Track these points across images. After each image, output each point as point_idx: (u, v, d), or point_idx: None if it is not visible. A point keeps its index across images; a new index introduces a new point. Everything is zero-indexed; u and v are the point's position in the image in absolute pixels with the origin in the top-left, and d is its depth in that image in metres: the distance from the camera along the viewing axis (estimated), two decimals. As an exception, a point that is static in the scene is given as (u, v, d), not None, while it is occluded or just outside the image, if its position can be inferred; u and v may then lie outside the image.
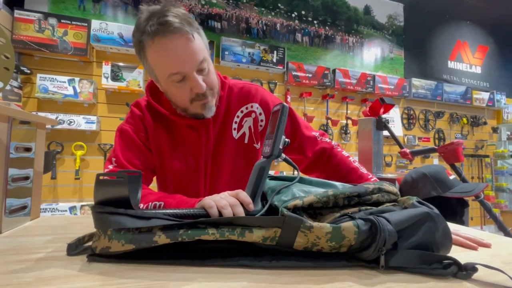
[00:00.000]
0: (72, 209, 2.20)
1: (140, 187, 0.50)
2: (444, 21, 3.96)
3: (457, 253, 0.49)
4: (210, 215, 0.49)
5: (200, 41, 0.64)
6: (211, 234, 0.42)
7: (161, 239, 0.41)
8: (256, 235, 0.42)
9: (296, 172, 0.58)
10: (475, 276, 0.37)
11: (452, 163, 1.10)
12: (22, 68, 2.12)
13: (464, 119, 3.85)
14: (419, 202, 0.47)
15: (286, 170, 2.93)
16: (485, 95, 3.92)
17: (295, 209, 0.45)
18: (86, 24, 2.29)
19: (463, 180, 1.12)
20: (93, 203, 0.45)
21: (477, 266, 0.37)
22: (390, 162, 3.38)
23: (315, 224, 0.41)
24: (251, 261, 0.42)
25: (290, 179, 0.59)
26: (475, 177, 3.92)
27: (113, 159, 0.67)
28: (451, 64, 3.98)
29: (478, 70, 4.17)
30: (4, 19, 2.05)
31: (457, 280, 0.37)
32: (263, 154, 0.54)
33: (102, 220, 0.43)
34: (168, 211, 0.48)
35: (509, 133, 4.09)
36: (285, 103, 0.52)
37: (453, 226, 0.63)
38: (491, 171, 4.03)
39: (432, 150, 1.17)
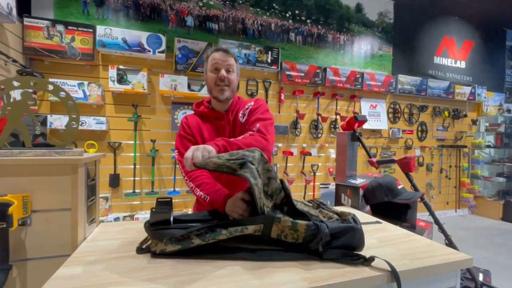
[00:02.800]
0: (88, 201, 2.47)
1: (171, 207, 0.76)
2: (433, 16, 4.11)
3: (372, 250, 0.76)
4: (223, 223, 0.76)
5: (233, 61, 1.14)
6: (224, 234, 0.69)
7: (196, 241, 0.68)
8: (250, 230, 0.69)
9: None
10: (374, 263, 0.65)
11: (406, 172, 1.38)
12: (35, 74, 2.29)
13: (446, 112, 4.13)
14: (353, 218, 0.74)
15: (279, 162, 3.21)
16: (467, 90, 4.18)
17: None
18: (91, 30, 2.43)
19: (414, 186, 1.41)
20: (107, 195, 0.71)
21: (374, 256, 0.65)
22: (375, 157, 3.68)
23: (282, 218, 0.69)
24: (247, 255, 0.69)
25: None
26: (453, 165, 4.27)
27: (176, 151, 1.15)
28: (437, 60, 4.19)
29: (462, 65, 4.39)
30: (15, 27, 2.19)
31: (362, 266, 0.65)
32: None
33: (157, 234, 0.70)
34: (197, 224, 0.75)
35: (487, 124, 4.40)
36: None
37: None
38: (468, 160, 4.39)
39: (392, 161, 1.44)
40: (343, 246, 0.68)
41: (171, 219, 0.72)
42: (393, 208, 1.19)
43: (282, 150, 3.21)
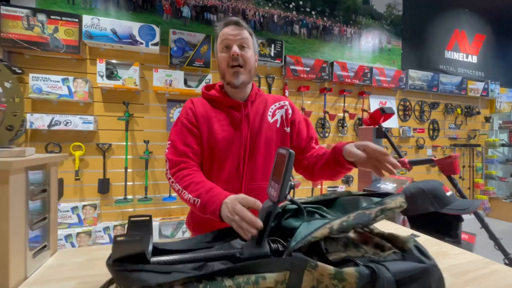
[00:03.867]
0: (74, 209, 2.23)
1: (151, 231, 0.52)
2: (443, 9, 3.90)
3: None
4: (227, 254, 0.52)
5: (248, 34, 0.91)
6: (227, 286, 0.45)
7: (183, 296, 0.44)
8: (269, 281, 0.45)
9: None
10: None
11: (449, 175, 1.15)
12: (13, 68, 2.05)
13: (458, 110, 3.91)
14: (417, 248, 0.50)
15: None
16: (480, 85, 3.96)
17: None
18: (77, 20, 2.20)
19: (459, 191, 1.17)
20: (93, 202, 0.47)
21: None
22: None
23: (320, 263, 0.45)
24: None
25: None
26: (466, 165, 4.04)
27: (169, 142, 0.90)
28: (448, 54, 3.98)
29: (474, 59, 4.18)
30: (-10, 17, 1.96)
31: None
32: (269, 197, 0.56)
33: (123, 277, 0.45)
34: (188, 256, 0.51)
35: (501, 122, 4.18)
36: (291, 151, 0.53)
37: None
38: (482, 159, 4.16)
39: (430, 161, 1.21)
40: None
41: (149, 250, 0.48)
42: (439, 220, 0.95)
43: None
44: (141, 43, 2.34)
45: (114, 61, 2.32)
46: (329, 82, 3.13)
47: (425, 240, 0.79)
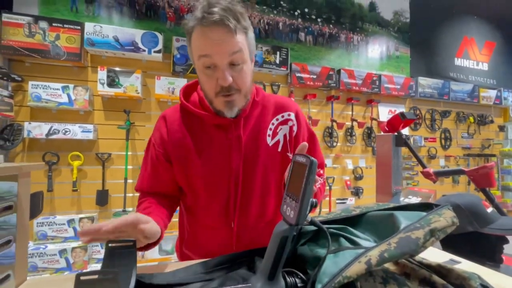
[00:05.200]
0: (70, 222, 2.12)
1: (134, 260, 0.41)
2: (451, 16, 3.83)
3: None
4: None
5: (242, 38, 0.63)
6: None
7: None
8: None
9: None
10: None
11: (483, 188, 1.02)
12: (13, 75, 2.00)
13: (471, 118, 3.76)
14: (482, 286, 0.38)
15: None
16: (493, 93, 3.83)
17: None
18: (79, 27, 2.16)
19: (496, 207, 1.04)
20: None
21: None
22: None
23: None
24: None
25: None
26: (481, 176, 3.85)
27: (139, 178, 0.76)
28: (458, 62, 3.88)
29: (485, 67, 4.06)
30: (-9, 24, 1.93)
31: None
32: (285, 218, 0.44)
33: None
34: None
35: (515, 131, 4.01)
36: (313, 158, 0.42)
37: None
38: (498, 170, 3.97)
39: (460, 172, 1.08)
40: None
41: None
42: (479, 241, 0.81)
43: (294, 161, 2.84)
44: (144, 51, 2.29)
45: (115, 68, 2.26)
46: (336, 90, 3.03)
47: (468, 266, 0.66)
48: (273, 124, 0.74)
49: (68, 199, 2.19)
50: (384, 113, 3.29)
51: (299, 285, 0.43)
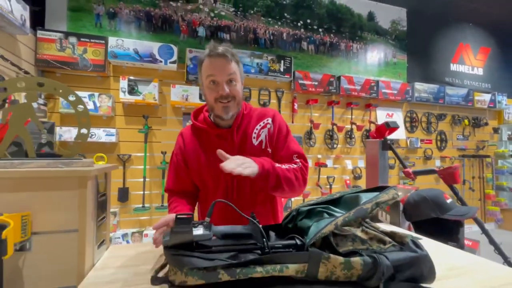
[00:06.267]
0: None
1: (192, 226, 0.64)
2: (447, 24, 4.02)
3: (443, 281, 0.62)
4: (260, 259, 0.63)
5: (235, 66, 0.93)
6: (259, 272, 0.55)
7: (224, 276, 0.54)
8: (291, 270, 0.56)
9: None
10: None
11: (450, 184, 1.23)
12: (46, 85, 2.25)
13: (466, 121, 3.95)
14: (413, 242, 0.60)
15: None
16: (487, 97, 4.01)
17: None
18: (103, 42, 2.41)
19: (460, 199, 1.25)
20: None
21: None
22: (393, 165, 3.51)
23: (332, 255, 0.55)
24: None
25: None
26: (476, 177, 4.04)
27: (167, 182, 1.05)
28: (454, 67, 4.06)
29: (480, 71, 4.25)
30: (28, 40, 2.17)
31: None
32: None
33: (177, 260, 0.57)
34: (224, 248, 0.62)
35: (509, 133, 4.18)
36: None
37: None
38: (492, 170, 4.15)
39: (432, 171, 1.30)
40: (409, 279, 0.55)
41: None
42: (440, 225, 1.03)
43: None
44: (160, 61, 2.53)
45: (135, 78, 2.51)
46: (337, 95, 3.25)
47: (427, 242, 0.87)
48: (256, 129, 1.00)
49: (93, 196, 2.43)
50: (382, 116, 3.49)
51: (298, 243, 0.65)
